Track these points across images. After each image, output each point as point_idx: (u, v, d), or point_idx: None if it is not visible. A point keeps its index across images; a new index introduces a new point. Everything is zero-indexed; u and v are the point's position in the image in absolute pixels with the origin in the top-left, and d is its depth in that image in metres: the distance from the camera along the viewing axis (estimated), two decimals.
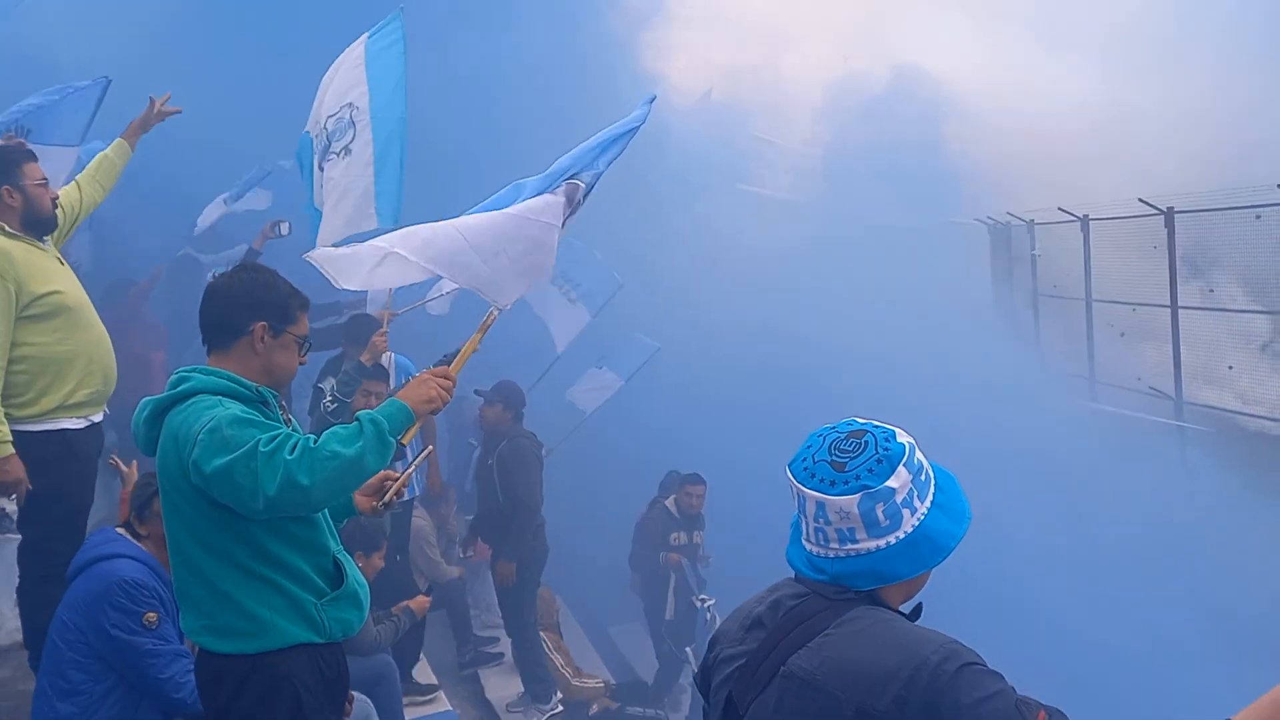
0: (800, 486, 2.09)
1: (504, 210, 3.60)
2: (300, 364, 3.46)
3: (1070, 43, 25.09)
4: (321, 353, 7.17)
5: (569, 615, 10.15)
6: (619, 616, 11.07)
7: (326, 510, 3.33)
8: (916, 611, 2.17)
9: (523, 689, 8.16)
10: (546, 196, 3.59)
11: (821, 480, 2.05)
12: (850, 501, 2.03)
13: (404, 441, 3.27)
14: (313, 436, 3.05)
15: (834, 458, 2.07)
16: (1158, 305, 13.50)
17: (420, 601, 6.74)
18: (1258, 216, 12.63)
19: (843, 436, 2.10)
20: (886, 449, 2.07)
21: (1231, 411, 13.03)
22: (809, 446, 2.13)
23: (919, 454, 2.12)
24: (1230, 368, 13.70)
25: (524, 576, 7.78)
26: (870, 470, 2.04)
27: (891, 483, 2.04)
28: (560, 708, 8.05)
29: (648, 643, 10.34)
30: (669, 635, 9.38)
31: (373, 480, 3.53)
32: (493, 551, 8.07)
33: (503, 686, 8.51)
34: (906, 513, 2.06)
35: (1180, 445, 12.90)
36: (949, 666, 1.90)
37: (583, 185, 3.63)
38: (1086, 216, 14.70)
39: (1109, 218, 14.49)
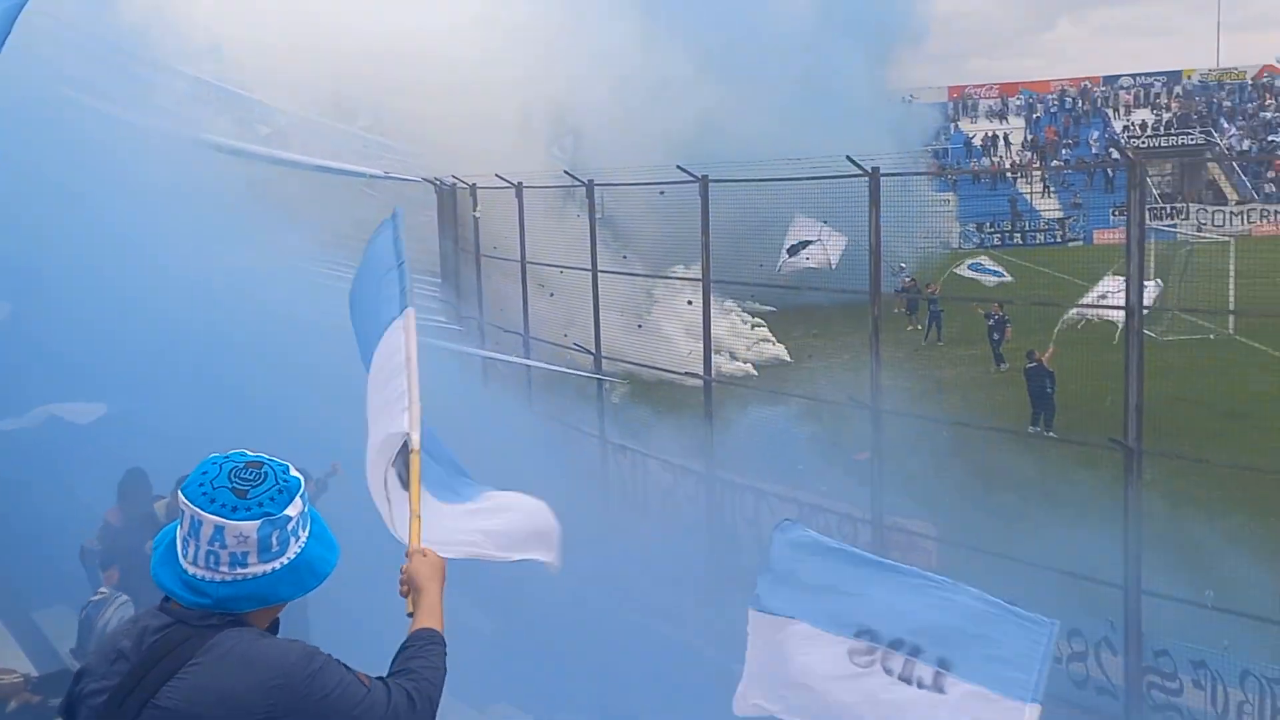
0: (198, 510, 2.20)
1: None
2: None
3: None
4: None
5: None
6: (44, 599, 10.24)
7: None
8: (275, 627, 2.40)
9: None
10: None
11: (223, 505, 2.20)
12: (252, 527, 2.20)
13: None
14: None
15: (234, 484, 2.23)
16: (580, 269, 14.95)
17: None
18: (661, 193, 14.45)
19: (241, 466, 2.27)
20: (286, 481, 2.27)
21: (639, 364, 14.85)
22: (205, 473, 2.25)
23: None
24: (640, 325, 15.61)
25: None
26: (272, 499, 2.24)
27: (289, 511, 2.24)
28: None
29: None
30: None
31: None
32: None
33: None
34: (293, 540, 2.26)
35: (600, 394, 14.46)
36: (310, 668, 2.23)
37: None
38: (520, 184, 15.81)
39: (539, 186, 15.75)
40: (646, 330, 15.75)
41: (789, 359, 20.88)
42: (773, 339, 21.83)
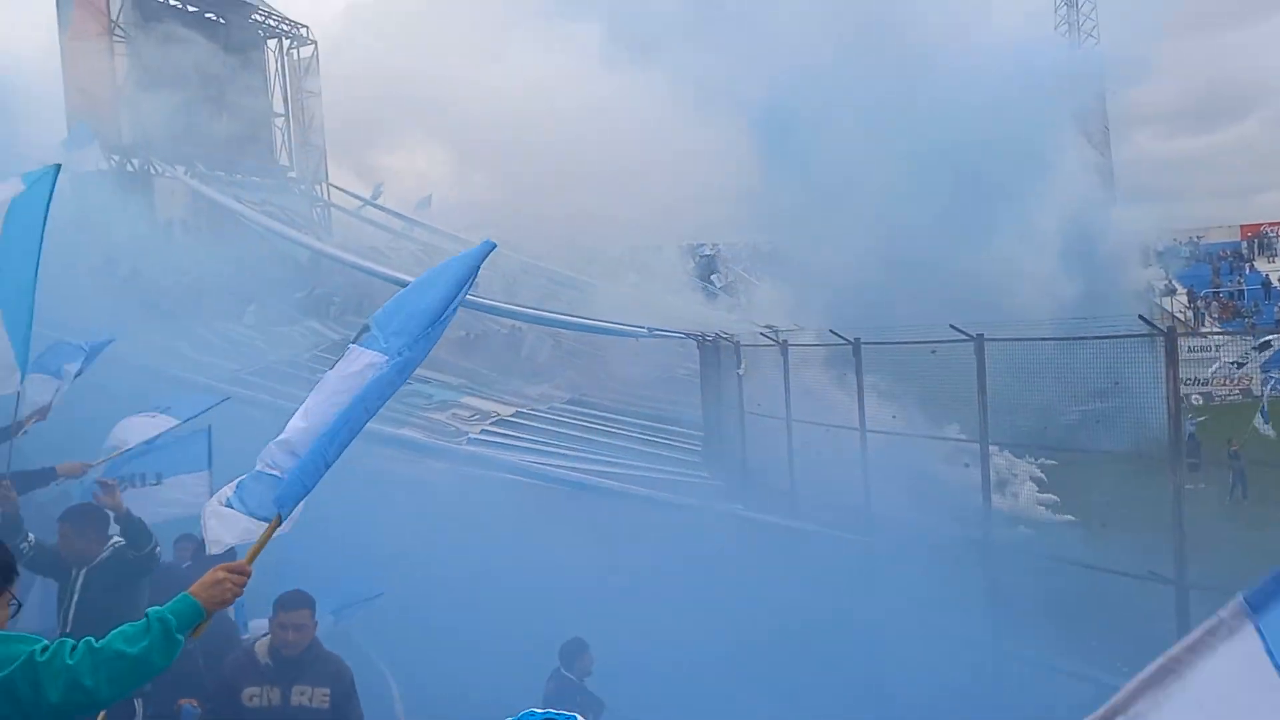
0: None
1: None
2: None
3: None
4: None
5: None
6: None
7: None
8: None
9: None
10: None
11: None
12: None
13: (195, 636, 3.33)
14: (92, 637, 3.05)
15: None
16: (848, 428, 14.64)
17: None
18: (933, 351, 14.05)
19: None
20: None
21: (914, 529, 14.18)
22: None
23: None
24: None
25: None
26: None
27: None
28: None
29: None
30: None
31: None
32: None
33: None
34: None
35: (869, 560, 13.88)
36: None
37: None
38: (785, 341, 15.81)
39: (805, 344, 15.68)
40: (919, 491, 15.11)
41: (1073, 519, 19.48)
42: (1056, 498, 20.53)
